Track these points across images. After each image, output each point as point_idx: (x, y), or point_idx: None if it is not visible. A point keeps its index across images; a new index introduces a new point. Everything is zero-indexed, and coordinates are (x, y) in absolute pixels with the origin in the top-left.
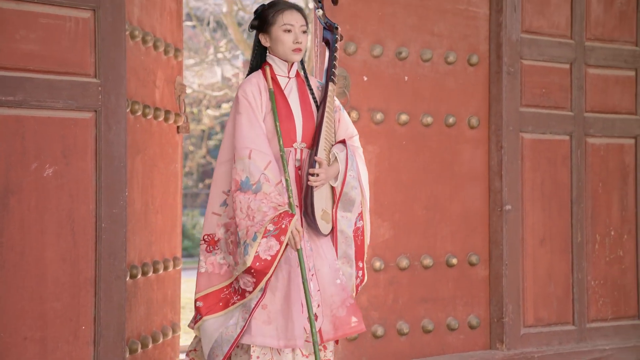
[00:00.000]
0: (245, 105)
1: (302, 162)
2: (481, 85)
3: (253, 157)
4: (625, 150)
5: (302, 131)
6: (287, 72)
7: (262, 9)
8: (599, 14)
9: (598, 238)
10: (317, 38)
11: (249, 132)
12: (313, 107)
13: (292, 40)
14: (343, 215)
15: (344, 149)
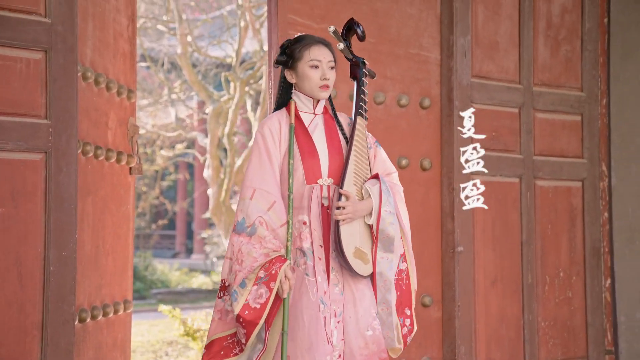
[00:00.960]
0: (259, 144)
1: (330, 199)
2: (433, 127)
3: (256, 197)
4: (572, 193)
5: (328, 167)
6: (313, 108)
7: (288, 44)
8: (546, 60)
9: (548, 279)
10: (271, 80)
11: (256, 172)
12: (342, 143)
13: (319, 77)
14: (383, 256)
15: (376, 183)
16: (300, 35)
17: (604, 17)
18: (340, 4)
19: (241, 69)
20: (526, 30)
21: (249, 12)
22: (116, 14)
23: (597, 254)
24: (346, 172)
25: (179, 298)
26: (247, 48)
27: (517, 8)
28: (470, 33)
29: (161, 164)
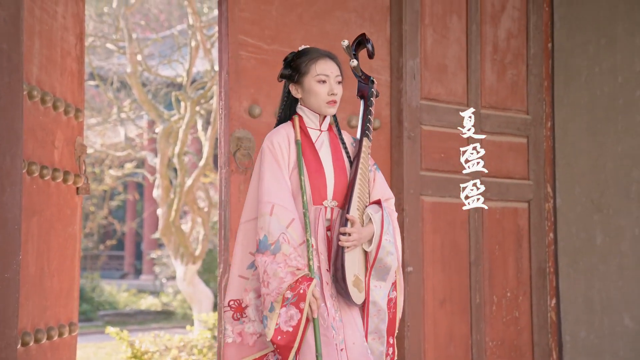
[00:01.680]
0: (269, 158)
1: (332, 221)
2: (383, 149)
3: (275, 213)
4: (519, 214)
5: (333, 188)
6: (319, 124)
7: (292, 57)
8: (493, 83)
9: (495, 299)
10: (222, 100)
11: (272, 186)
12: (346, 163)
13: (327, 92)
14: (376, 284)
15: (379, 210)
16: (305, 47)
17: (548, 42)
18: (291, 26)
19: (192, 88)
20: (474, 54)
21: (200, 32)
22: (64, 32)
23: (542, 274)
24: (352, 195)
25: (127, 320)
26: (198, 68)
27: (464, 32)
28: (420, 56)
29: (110, 183)
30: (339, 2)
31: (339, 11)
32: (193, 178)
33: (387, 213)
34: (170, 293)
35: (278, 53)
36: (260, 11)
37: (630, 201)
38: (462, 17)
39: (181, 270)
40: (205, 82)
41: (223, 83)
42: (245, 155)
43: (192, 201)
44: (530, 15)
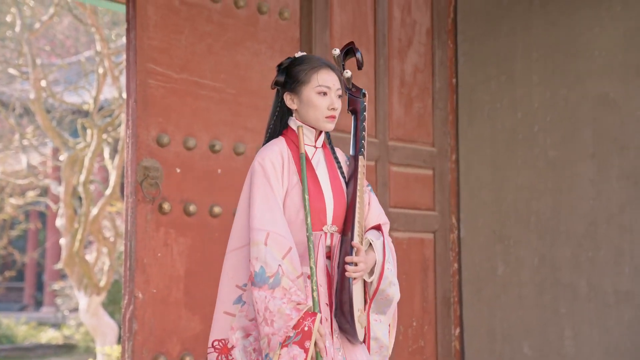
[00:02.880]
0: (261, 178)
1: (332, 249)
2: None
3: (269, 243)
4: (425, 244)
5: (333, 211)
6: (314, 140)
7: (289, 64)
8: (400, 116)
9: (402, 329)
10: (129, 129)
11: (265, 211)
12: (342, 183)
13: (327, 106)
14: (377, 318)
15: (380, 236)
16: (303, 54)
17: (452, 77)
18: (201, 55)
19: (99, 116)
20: (381, 87)
21: (108, 59)
22: None
23: (447, 303)
24: (354, 220)
25: (26, 354)
26: (105, 95)
27: (372, 66)
28: None
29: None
30: (249, 33)
31: (249, 42)
32: (99, 207)
33: (388, 240)
34: (73, 326)
35: (187, 82)
36: (170, 40)
37: (529, 232)
38: (370, 51)
39: (85, 301)
40: (113, 109)
41: (131, 111)
42: (152, 184)
43: (97, 231)
44: (436, 50)
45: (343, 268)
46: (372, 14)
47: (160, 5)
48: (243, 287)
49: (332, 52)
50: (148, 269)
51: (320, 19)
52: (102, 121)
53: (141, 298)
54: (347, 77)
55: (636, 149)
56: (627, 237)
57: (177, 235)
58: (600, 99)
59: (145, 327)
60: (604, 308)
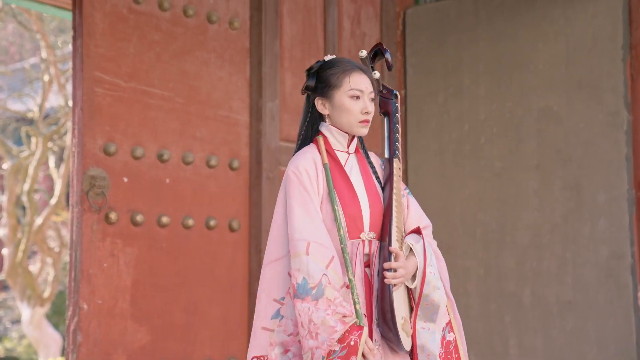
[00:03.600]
0: (297, 186)
1: (371, 256)
2: (242, 189)
3: (312, 252)
4: None
5: (370, 218)
6: (347, 146)
7: (319, 68)
8: None
9: None
10: (75, 137)
11: (305, 220)
12: (378, 188)
13: (360, 110)
14: (424, 326)
15: (419, 240)
16: (333, 57)
17: (400, 89)
18: (149, 64)
19: (44, 124)
20: None
21: (54, 67)
22: None
23: None
24: (391, 225)
25: None
26: (51, 103)
27: None
28: (279, 98)
29: None
30: (198, 43)
31: (198, 51)
32: (44, 217)
33: (428, 243)
34: (15, 338)
35: (135, 91)
36: (117, 48)
37: (475, 243)
38: None
39: (27, 313)
40: (59, 117)
41: (77, 119)
42: (99, 194)
43: (41, 241)
44: None
45: (383, 275)
46: (322, 25)
47: (107, 12)
48: (281, 301)
49: (359, 54)
50: (94, 280)
51: (270, 29)
52: (48, 129)
53: (86, 309)
54: (377, 79)
55: (578, 160)
56: (570, 248)
57: (123, 245)
58: (544, 111)
59: (90, 339)
60: (547, 317)
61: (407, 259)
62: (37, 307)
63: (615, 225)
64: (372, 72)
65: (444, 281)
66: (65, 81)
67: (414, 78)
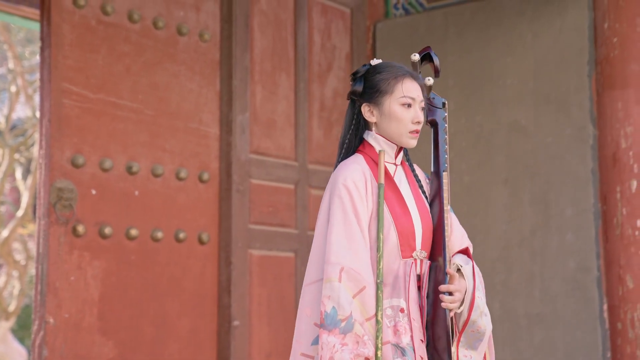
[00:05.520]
0: (342, 201)
1: (422, 277)
2: (212, 201)
3: (344, 280)
4: None
5: (422, 235)
6: (394, 157)
7: (366, 72)
8: (319, 139)
9: None
10: (42, 149)
11: (343, 243)
12: (426, 203)
13: (412, 119)
14: (467, 354)
15: (468, 261)
16: (381, 62)
17: None
18: (118, 76)
19: (11, 135)
20: (301, 110)
21: (22, 77)
22: None
23: None
24: (445, 243)
25: None
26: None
27: (293, 90)
28: (249, 111)
29: None
30: (168, 55)
31: (168, 63)
32: (10, 229)
33: (476, 265)
34: None
35: (104, 102)
36: (86, 59)
37: None
38: (290, 75)
39: None
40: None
41: (44, 131)
42: (66, 206)
43: (7, 253)
44: None
45: (434, 298)
46: (293, 38)
47: (76, 24)
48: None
49: (412, 58)
50: (60, 293)
51: (240, 41)
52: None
53: (52, 323)
54: (430, 85)
55: (546, 174)
56: (538, 261)
57: (91, 258)
58: (512, 125)
59: (56, 353)
60: (516, 330)
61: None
62: (2, 321)
63: (582, 239)
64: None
65: None
66: (33, 92)
67: None
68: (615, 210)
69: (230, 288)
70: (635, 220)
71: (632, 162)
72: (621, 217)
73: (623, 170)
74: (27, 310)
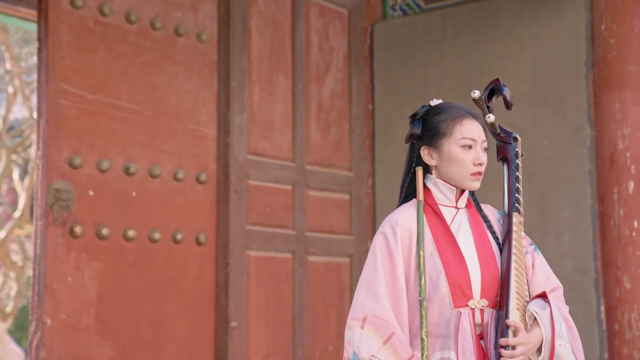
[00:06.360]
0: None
1: (484, 327)
2: (209, 202)
3: (367, 327)
4: (341, 269)
5: (481, 282)
6: (455, 201)
7: (426, 113)
8: (317, 141)
9: (317, 353)
10: (40, 150)
11: (368, 291)
12: (494, 247)
13: (473, 161)
14: None
15: (546, 306)
16: (441, 102)
17: (369, 103)
18: (116, 76)
19: (8, 136)
20: (299, 111)
21: (19, 78)
22: None
23: None
24: (509, 291)
25: None
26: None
27: (290, 91)
28: (247, 112)
29: None
30: (166, 55)
31: (166, 64)
32: (7, 230)
33: (556, 310)
34: None
35: (102, 103)
36: (84, 60)
37: None
38: (288, 76)
39: None
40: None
41: (42, 131)
42: (63, 207)
43: (4, 255)
44: (353, 77)
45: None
46: (290, 39)
47: (73, 24)
48: None
49: (472, 95)
50: (58, 294)
51: (238, 42)
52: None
53: (50, 324)
54: (492, 122)
55: (543, 175)
56: None
57: (88, 259)
58: (510, 127)
59: (54, 354)
60: None
61: (530, 330)
62: (0, 322)
63: (579, 240)
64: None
65: (577, 355)
66: (30, 93)
67: (382, 93)
68: (613, 211)
69: (228, 289)
70: (632, 221)
71: (629, 163)
72: (618, 218)
73: (620, 172)
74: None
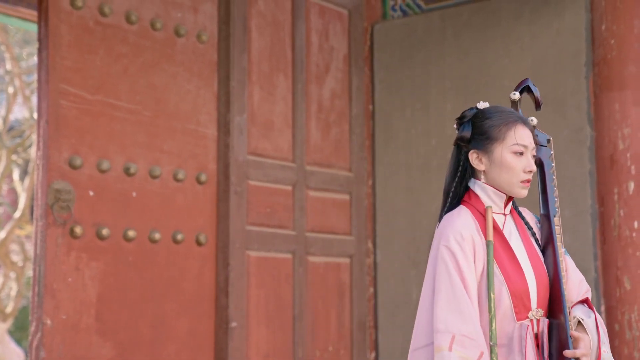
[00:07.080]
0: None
1: (539, 336)
2: (209, 203)
3: (456, 348)
4: (342, 269)
5: (537, 293)
6: (503, 207)
7: (475, 116)
8: (317, 141)
9: (318, 353)
10: (40, 150)
11: (451, 309)
12: (539, 254)
13: (524, 168)
14: None
15: (590, 314)
16: (489, 106)
17: (369, 103)
18: (116, 77)
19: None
20: (299, 112)
21: (19, 78)
22: None
23: (363, 328)
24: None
25: None
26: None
27: (290, 91)
28: (247, 112)
29: None
30: (166, 56)
31: (166, 64)
32: (7, 230)
33: (599, 316)
34: None
35: (102, 103)
36: (84, 60)
37: None
38: (288, 76)
39: None
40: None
41: (42, 132)
42: (63, 207)
43: (4, 255)
44: (353, 77)
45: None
46: (290, 39)
47: (73, 25)
48: None
49: (511, 97)
50: (58, 295)
51: (238, 43)
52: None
53: (50, 325)
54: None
55: None
56: None
57: (89, 259)
58: None
59: (54, 354)
60: None
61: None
62: (0, 322)
63: (579, 240)
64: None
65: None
66: (30, 93)
67: (382, 93)
68: (613, 211)
69: (228, 289)
70: (632, 222)
71: (629, 164)
72: (618, 219)
73: (620, 172)
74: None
